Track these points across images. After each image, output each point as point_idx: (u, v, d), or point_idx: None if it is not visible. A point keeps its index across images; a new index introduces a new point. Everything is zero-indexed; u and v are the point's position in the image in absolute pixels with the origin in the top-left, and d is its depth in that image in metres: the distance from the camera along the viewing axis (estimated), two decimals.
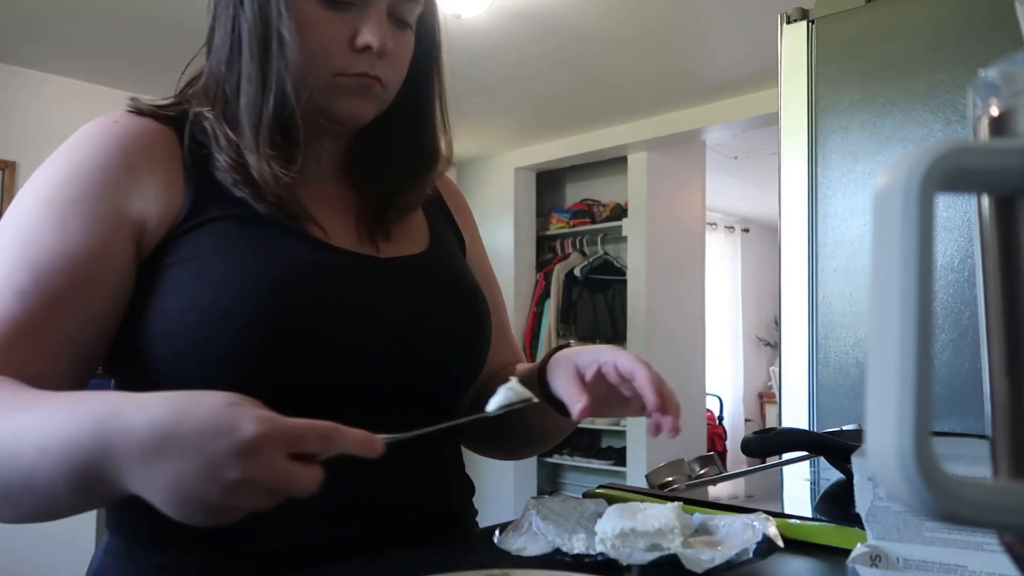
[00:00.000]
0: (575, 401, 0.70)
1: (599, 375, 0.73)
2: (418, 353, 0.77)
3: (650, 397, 0.68)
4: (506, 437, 0.95)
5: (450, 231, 0.93)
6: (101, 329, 0.69)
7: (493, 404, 0.66)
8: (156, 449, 0.52)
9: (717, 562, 0.60)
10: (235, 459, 0.50)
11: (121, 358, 0.72)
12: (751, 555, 0.61)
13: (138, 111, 0.76)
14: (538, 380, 0.78)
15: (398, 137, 0.86)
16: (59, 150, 0.72)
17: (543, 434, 0.92)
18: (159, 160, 0.73)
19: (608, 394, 0.74)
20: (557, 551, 0.64)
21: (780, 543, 0.64)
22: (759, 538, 0.63)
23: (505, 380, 0.68)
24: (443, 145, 0.89)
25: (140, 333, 0.70)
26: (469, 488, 0.88)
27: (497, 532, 0.69)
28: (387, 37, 0.75)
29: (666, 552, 0.61)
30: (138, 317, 0.70)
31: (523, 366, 0.92)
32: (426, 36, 0.84)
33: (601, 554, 0.63)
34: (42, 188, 0.70)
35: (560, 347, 0.81)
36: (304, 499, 0.69)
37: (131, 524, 0.73)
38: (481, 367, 0.86)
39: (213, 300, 0.67)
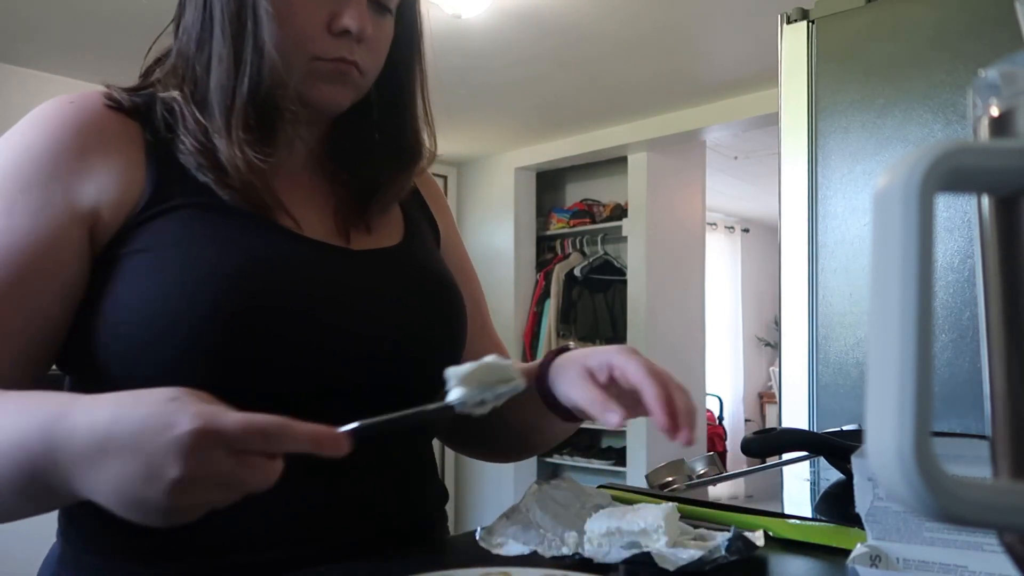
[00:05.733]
0: (603, 408, 0.64)
1: (610, 379, 0.68)
2: (386, 348, 0.73)
3: (659, 416, 0.63)
4: (491, 435, 0.89)
5: (426, 222, 0.89)
6: (49, 325, 0.65)
7: (466, 394, 0.60)
8: (96, 452, 0.50)
9: (688, 559, 0.60)
10: (173, 457, 0.47)
11: (76, 354, 0.68)
12: (723, 552, 0.61)
13: (108, 97, 0.72)
14: (537, 384, 0.74)
15: (378, 128, 0.82)
16: (11, 132, 0.69)
17: (539, 436, 0.86)
18: (116, 144, 0.69)
19: (616, 396, 0.68)
20: (534, 553, 0.64)
21: (759, 542, 0.63)
22: (731, 533, 0.62)
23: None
24: (426, 138, 0.85)
25: (95, 328, 0.66)
26: (443, 495, 0.84)
27: (479, 529, 0.67)
28: (367, 22, 0.72)
29: (643, 550, 0.61)
30: (94, 310, 0.66)
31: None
32: (407, 24, 0.81)
33: (576, 554, 0.63)
34: None
35: (560, 349, 0.76)
36: (267, 510, 0.64)
37: (85, 531, 0.69)
38: (455, 363, 0.83)
39: (169, 294, 0.64)
